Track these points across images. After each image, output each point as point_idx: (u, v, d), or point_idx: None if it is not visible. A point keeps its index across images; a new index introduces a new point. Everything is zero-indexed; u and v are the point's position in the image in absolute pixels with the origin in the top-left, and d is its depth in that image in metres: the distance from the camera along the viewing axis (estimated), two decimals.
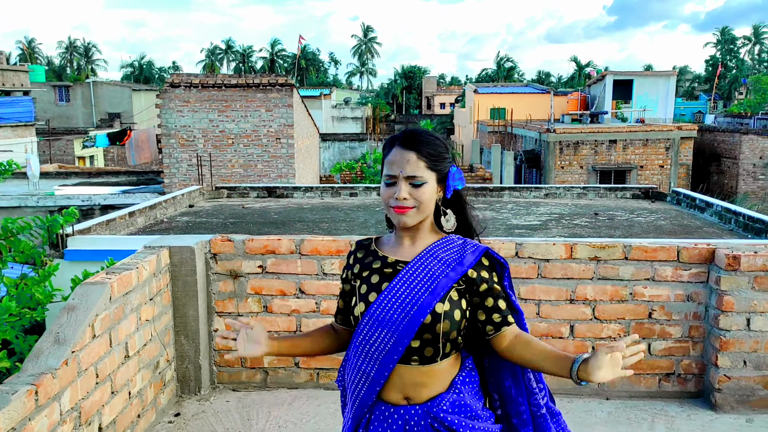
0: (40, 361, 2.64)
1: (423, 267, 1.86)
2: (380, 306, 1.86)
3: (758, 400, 3.76)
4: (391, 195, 1.85)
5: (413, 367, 1.85)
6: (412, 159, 1.83)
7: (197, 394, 3.97)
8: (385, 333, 1.83)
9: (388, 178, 1.86)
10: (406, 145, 1.85)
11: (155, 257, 3.65)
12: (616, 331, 3.92)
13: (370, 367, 1.86)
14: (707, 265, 3.82)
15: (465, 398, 1.88)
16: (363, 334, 1.88)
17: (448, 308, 1.83)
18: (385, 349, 1.83)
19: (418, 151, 1.84)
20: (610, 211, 10.56)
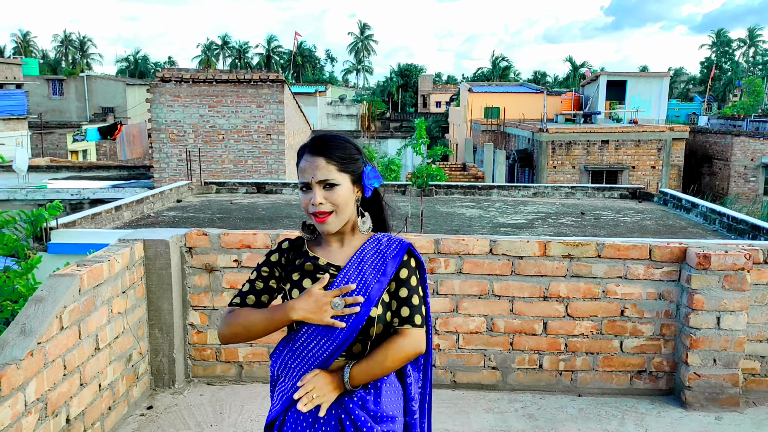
0: (5, 352, 2.65)
1: (356, 273, 1.90)
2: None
3: (727, 398, 3.79)
4: (308, 201, 1.89)
5: (338, 361, 1.89)
6: (322, 164, 1.88)
7: (171, 388, 3.98)
8: (325, 341, 1.87)
9: (302, 185, 1.91)
10: (314, 151, 1.90)
11: (128, 250, 3.65)
12: (588, 328, 3.95)
13: (303, 369, 1.90)
14: (679, 264, 3.85)
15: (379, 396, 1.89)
16: (301, 342, 1.91)
17: (381, 312, 1.88)
18: (323, 355, 1.88)
19: (326, 155, 1.89)
20: (597, 210, 10.60)
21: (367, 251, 1.95)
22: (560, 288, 3.92)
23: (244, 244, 3.99)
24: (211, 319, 4.06)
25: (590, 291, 3.91)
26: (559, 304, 3.94)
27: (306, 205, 1.91)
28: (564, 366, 4.00)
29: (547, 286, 3.92)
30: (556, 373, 4.01)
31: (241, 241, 3.98)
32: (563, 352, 3.98)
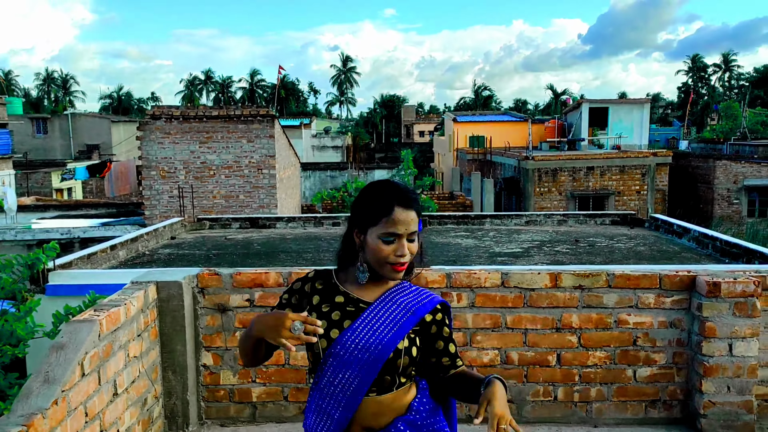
0: (30, 402, 2.62)
1: (385, 309, 1.96)
2: (344, 346, 1.93)
3: (742, 424, 3.82)
4: (391, 252, 1.92)
5: (371, 398, 1.94)
6: (414, 218, 1.95)
7: (185, 430, 3.94)
8: (350, 373, 1.91)
9: (389, 235, 1.93)
10: (407, 205, 1.95)
11: (143, 293, 3.65)
12: (601, 358, 3.97)
13: (334, 408, 1.93)
14: (689, 292, 3.90)
15: (421, 417, 1.98)
16: (327, 376, 1.94)
17: (407, 345, 1.94)
18: (350, 389, 1.91)
19: (416, 210, 1.96)
20: (590, 237, 10.69)
21: (396, 293, 2.01)
22: (572, 319, 3.95)
23: (256, 283, 3.99)
24: (223, 359, 4.04)
25: (602, 321, 3.95)
26: (571, 335, 3.96)
27: (388, 254, 1.93)
28: (578, 397, 4.01)
29: (559, 317, 3.96)
30: (572, 404, 4.02)
31: (254, 280, 3.98)
32: (577, 383, 4.00)
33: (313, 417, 2.01)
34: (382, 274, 1.98)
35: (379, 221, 1.94)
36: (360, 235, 1.99)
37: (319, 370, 1.98)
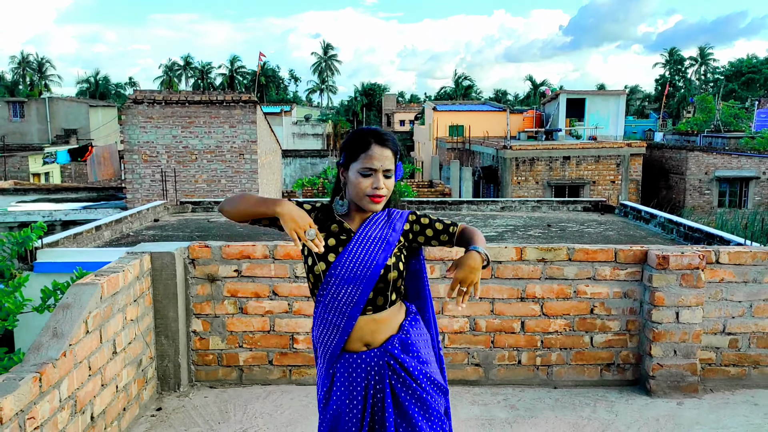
0: (41, 353, 2.90)
1: (371, 233, 2.26)
2: (343, 266, 2.23)
3: (687, 385, 4.20)
4: (369, 185, 2.20)
5: (369, 316, 2.25)
6: (389, 155, 2.23)
7: (177, 391, 4.23)
8: (351, 287, 2.21)
9: (366, 170, 2.20)
10: (382, 143, 2.23)
11: (138, 262, 3.92)
12: (562, 325, 4.33)
13: (339, 318, 2.23)
14: (641, 265, 4.27)
15: (411, 337, 2.28)
16: (331, 293, 2.24)
17: (394, 261, 2.25)
18: (352, 301, 2.21)
19: (392, 149, 2.25)
20: (562, 222, 11.09)
21: (376, 218, 2.32)
22: (536, 289, 4.30)
23: (243, 255, 4.28)
24: (212, 326, 4.33)
25: (563, 291, 4.30)
26: (535, 304, 4.31)
27: (365, 187, 2.20)
28: (540, 361, 4.37)
29: (523, 288, 4.30)
30: (534, 368, 4.37)
31: (242, 252, 4.27)
32: (539, 348, 4.35)
33: (319, 328, 2.31)
34: (362, 206, 2.25)
35: (358, 157, 2.22)
36: (344, 173, 2.28)
37: (321, 289, 2.27)
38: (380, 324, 2.27)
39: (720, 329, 4.32)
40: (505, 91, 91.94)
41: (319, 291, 2.28)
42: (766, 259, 4.25)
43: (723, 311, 4.29)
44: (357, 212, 2.31)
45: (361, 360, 2.25)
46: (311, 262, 2.28)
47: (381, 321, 2.27)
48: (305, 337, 4.34)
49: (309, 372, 4.38)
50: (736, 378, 4.36)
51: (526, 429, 3.78)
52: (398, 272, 2.26)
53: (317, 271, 2.27)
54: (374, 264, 2.21)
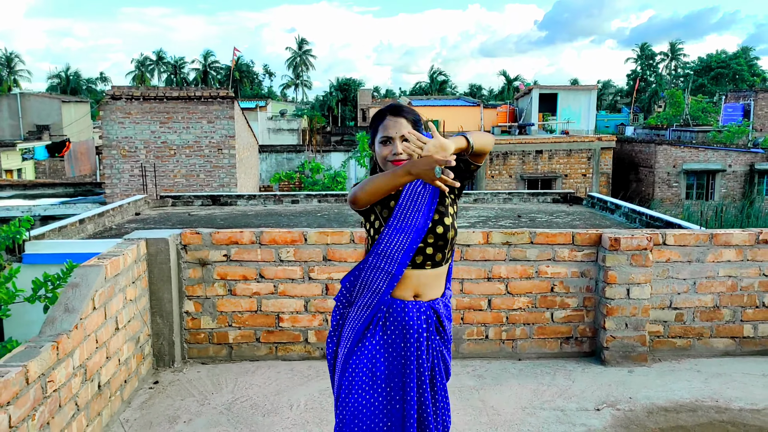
0: (56, 325, 3.23)
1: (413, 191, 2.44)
2: (397, 218, 2.41)
3: (638, 355, 4.64)
4: (389, 152, 2.41)
5: (426, 270, 2.43)
6: (403, 123, 2.42)
7: (171, 367, 4.57)
8: (404, 236, 2.38)
9: (384, 139, 2.42)
10: (396, 113, 2.44)
11: (135, 247, 4.25)
12: (525, 303, 4.75)
13: (390, 264, 2.39)
14: (596, 247, 4.70)
15: (449, 303, 2.56)
16: (385, 241, 2.40)
17: (451, 221, 2.46)
18: (403, 248, 2.38)
19: (405, 117, 2.44)
20: (532, 213, 11.56)
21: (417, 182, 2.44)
22: (501, 270, 4.71)
23: (232, 241, 4.62)
24: (204, 307, 4.67)
25: (525, 272, 4.72)
26: (500, 284, 4.72)
27: (386, 154, 2.41)
28: (506, 336, 4.78)
29: (490, 269, 4.71)
30: (500, 342, 4.79)
31: (230, 238, 4.62)
32: (505, 324, 4.77)
33: (369, 273, 2.43)
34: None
35: (378, 129, 2.45)
36: (373, 148, 2.50)
37: (377, 241, 2.42)
38: (432, 279, 2.45)
39: (667, 304, 4.78)
40: (480, 86, 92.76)
41: (375, 243, 2.43)
42: (708, 241, 4.71)
43: (670, 288, 4.75)
44: None
45: (414, 307, 2.41)
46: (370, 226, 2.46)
47: (434, 276, 2.45)
48: (290, 316, 4.70)
49: (293, 348, 4.74)
50: (682, 348, 4.82)
51: (491, 394, 4.19)
52: (454, 230, 2.46)
53: (376, 225, 2.43)
54: (421, 216, 2.38)
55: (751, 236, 4.72)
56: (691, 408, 4.00)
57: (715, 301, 4.78)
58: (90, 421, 3.46)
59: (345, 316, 2.53)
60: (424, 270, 2.43)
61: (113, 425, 3.73)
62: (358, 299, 2.48)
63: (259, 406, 4.01)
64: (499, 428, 3.73)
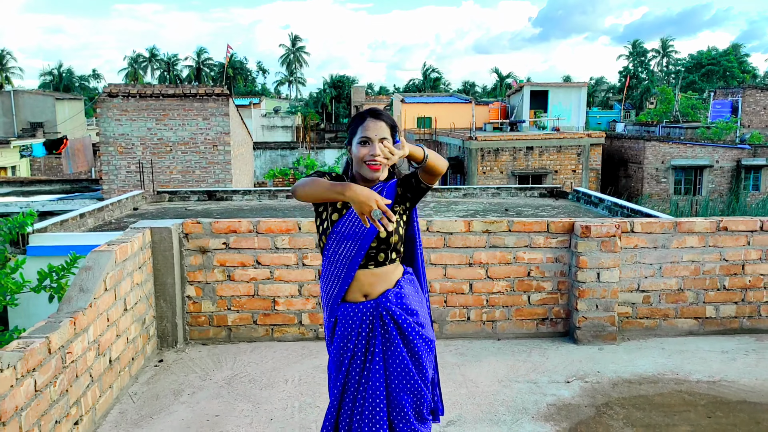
0: (72, 304, 3.56)
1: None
2: (344, 225, 2.53)
3: (607, 334, 5.01)
4: (366, 152, 2.49)
5: (370, 270, 2.55)
6: (383, 126, 2.52)
7: (174, 347, 4.90)
8: (350, 243, 2.51)
9: (364, 139, 2.50)
10: (376, 116, 2.54)
11: (141, 235, 4.58)
12: (504, 287, 5.10)
13: (340, 270, 2.55)
14: (569, 234, 5.06)
15: (404, 290, 2.58)
16: (332, 248, 2.56)
17: (395, 227, 2.52)
18: (350, 255, 2.52)
19: (385, 121, 2.54)
20: (519, 207, 11.93)
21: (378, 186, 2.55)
22: (481, 256, 5.06)
23: (231, 230, 4.96)
24: (204, 291, 5.01)
25: (504, 258, 5.07)
26: (481, 269, 5.08)
27: (364, 155, 2.48)
28: (486, 317, 5.13)
29: (471, 255, 5.06)
30: (481, 323, 5.14)
31: (229, 227, 4.95)
32: (485, 307, 5.12)
33: (324, 280, 2.62)
34: (363, 175, 2.51)
35: (357, 130, 2.54)
36: (349, 148, 2.58)
37: (326, 247, 2.57)
38: (378, 277, 2.55)
39: (635, 287, 5.14)
40: (473, 83, 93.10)
41: (325, 247, 2.59)
42: (672, 229, 5.07)
43: (637, 272, 5.11)
44: (363, 183, 2.54)
45: (358, 309, 2.55)
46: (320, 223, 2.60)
47: (379, 275, 2.55)
48: (285, 300, 5.04)
49: (288, 330, 5.08)
50: (649, 328, 5.19)
51: (471, 369, 4.54)
52: (398, 235, 2.55)
53: (326, 230, 2.57)
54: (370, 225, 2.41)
55: (712, 224, 5.09)
56: (652, 380, 4.37)
57: (680, 284, 5.15)
58: (102, 393, 3.79)
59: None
60: (366, 270, 2.55)
61: (123, 398, 4.07)
62: (323, 301, 2.68)
63: (256, 380, 4.35)
64: (477, 398, 4.09)
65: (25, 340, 3.03)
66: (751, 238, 5.14)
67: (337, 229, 2.55)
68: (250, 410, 3.91)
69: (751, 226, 5.13)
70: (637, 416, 3.85)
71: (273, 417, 3.83)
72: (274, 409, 3.94)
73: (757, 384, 4.31)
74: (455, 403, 4.00)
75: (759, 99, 39.73)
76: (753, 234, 5.14)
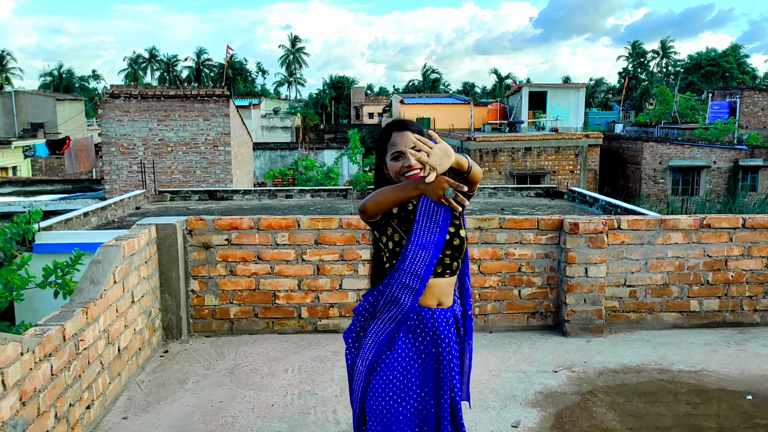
0: (84, 295, 3.77)
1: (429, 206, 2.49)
2: (418, 235, 2.45)
3: (595, 327, 5.21)
4: (401, 165, 2.49)
5: (445, 279, 2.52)
6: (409, 135, 2.50)
7: (178, 339, 5.11)
8: (426, 252, 2.44)
9: (395, 154, 2.49)
10: (400, 128, 2.54)
11: (147, 231, 4.78)
12: (495, 281, 5.30)
13: (415, 281, 2.46)
14: (558, 231, 5.26)
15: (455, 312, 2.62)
16: (410, 258, 2.45)
17: (465, 233, 2.58)
18: (425, 264, 2.45)
19: (411, 130, 2.54)
20: (515, 207, 12.13)
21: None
22: (474, 252, 5.26)
23: (233, 227, 5.16)
24: (207, 286, 5.20)
25: (496, 254, 5.27)
26: (473, 264, 5.27)
27: (399, 169, 2.48)
28: (479, 311, 5.33)
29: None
30: (473, 316, 5.33)
31: (231, 224, 5.15)
32: (478, 301, 5.32)
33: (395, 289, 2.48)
34: None
35: (386, 148, 2.54)
36: (385, 166, 2.56)
37: (401, 258, 2.45)
38: (450, 288, 2.56)
39: (622, 282, 5.34)
40: (473, 84, 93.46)
41: (398, 260, 2.47)
42: (657, 226, 5.28)
43: (624, 268, 5.31)
44: None
45: (439, 314, 2.52)
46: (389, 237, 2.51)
47: (451, 285, 2.56)
48: (285, 294, 5.24)
49: (288, 323, 5.28)
50: (635, 322, 5.39)
51: None
52: (460, 239, 2.54)
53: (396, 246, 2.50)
54: (440, 231, 2.45)
55: (696, 221, 5.30)
56: (636, 370, 4.57)
57: (665, 279, 5.35)
58: (112, 380, 3.99)
59: (366, 328, 2.59)
60: (444, 278, 2.52)
61: (130, 385, 4.27)
62: (382, 314, 2.54)
63: (258, 370, 4.55)
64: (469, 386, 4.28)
65: (42, 327, 3.23)
66: (734, 235, 5.35)
67: (412, 239, 2.46)
68: (253, 397, 4.12)
69: (733, 223, 5.34)
70: (620, 403, 4.05)
71: (274, 403, 4.03)
72: (275, 396, 4.14)
73: (737, 373, 4.51)
74: None
75: (757, 100, 39.98)
76: (735, 231, 5.35)
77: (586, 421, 3.83)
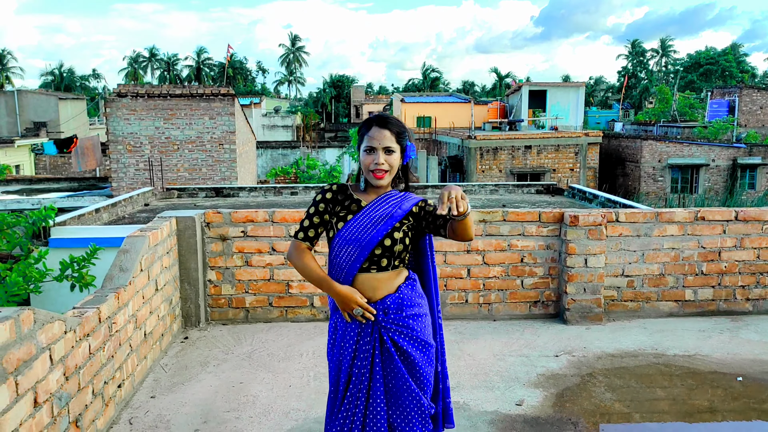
0: (114, 281, 4.01)
1: (378, 207, 2.60)
2: (347, 231, 2.57)
3: (594, 315, 5.45)
4: (371, 161, 2.54)
5: (371, 274, 2.59)
6: (387, 135, 2.54)
7: (197, 327, 5.35)
8: (350, 249, 2.56)
9: (368, 148, 2.55)
10: (382, 125, 2.57)
11: (168, 223, 5.02)
12: (499, 272, 5.55)
13: (340, 275, 2.60)
14: (559, 224, 5.50)
15: (404, 297, 2.62)
16: (335, 253, 2.61)
17: (401, 235, 2.59)
18: (351, 259, 2.57)
19: (390, 129, 2.56)
20: (516, 203, 12.37)
21: (388, 196, 2.62)
22: (478, 244, 5.50)
23: (248, 219, 5.40)
24: (224, 276, 5.45)
25: (499, 245, 5.52)
26: (478, 255, 5.52)
27: (368, 163, 2.54)
28: (483, 300, 5.58)
29: (469, 242, 5.50)
30: (478, 305, 5.59)
31: (247, 217, 5.40)
32: (482, 290, 5.56)
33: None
34: (368, 180, 2.59)
35: (364, 138, 2.59)
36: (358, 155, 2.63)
37: (331, 252, 2.62)
38: (380, 282, 2.59)
39: (620, 273, 5.59)
40: (473, 83, 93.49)
41: (329, 253, 2.66)
42: (654, 218, 5.52)
43: (622, 258, 5.56)
44: (372, 189, 2.64)
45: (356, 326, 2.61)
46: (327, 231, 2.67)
47: (380, 280, 2.59)
48: (298, 283, 5.49)
49: (301, 311, 5.53)
50: (633, 310, 5.64)
51: (469, 345, 4.99)
52: (403, 245, 2.59)
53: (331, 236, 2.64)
54: (373, 233, 2.54)
55: (690, 214, 5.54)
56: (633, 354, 4.82)
57: (661, 269, 5.60)
58: (139, 362, 4.24)
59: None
60: (369, 273, 2.59)
61: (155, 368, 4.52)
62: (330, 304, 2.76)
63: (274, 354, 4.80)
64: (474, 369, 4.54)
65: (80, 309, 3.48)
66: (727, 227, 5.59)
67: (340, 234, 2.60)
68: (271, 378, 4.36)
69: (726, 216, 5.58)
70: (617, 383, 4.30)
71: (291, 384, 4.28)
72: (291, 377, 4.39)
73: (729, 357, 4.76)
74: (454, 373, 4.45)
75: (756, 98, 40.19)
76: (728, 223, 5.59)
77: (586, 400, 4.08)
